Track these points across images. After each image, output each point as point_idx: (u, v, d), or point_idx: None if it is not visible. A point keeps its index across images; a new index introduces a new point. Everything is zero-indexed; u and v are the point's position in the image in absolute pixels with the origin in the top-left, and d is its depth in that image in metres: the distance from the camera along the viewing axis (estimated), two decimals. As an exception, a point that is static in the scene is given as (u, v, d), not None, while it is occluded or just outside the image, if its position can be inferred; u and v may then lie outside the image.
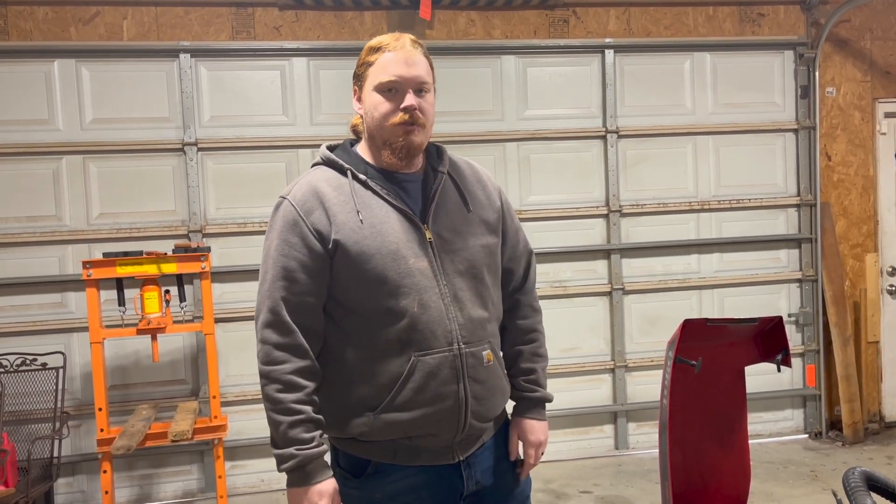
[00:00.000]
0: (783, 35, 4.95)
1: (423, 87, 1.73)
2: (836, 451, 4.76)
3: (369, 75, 1.74)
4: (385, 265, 1.66)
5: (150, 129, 4.31)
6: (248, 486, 4.41)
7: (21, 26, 4.18)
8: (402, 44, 1.72)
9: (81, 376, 4.24)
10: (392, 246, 1.68)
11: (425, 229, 1.73)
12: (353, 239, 1.67)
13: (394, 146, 1.72)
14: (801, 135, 4.97)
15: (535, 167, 4.71)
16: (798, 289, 5.03)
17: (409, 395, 1.66)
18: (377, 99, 1.72)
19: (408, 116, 1.70)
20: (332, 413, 1.73)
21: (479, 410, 1.74)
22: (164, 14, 4.31)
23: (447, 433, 1.71)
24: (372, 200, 1.72)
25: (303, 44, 4.41)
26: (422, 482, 1.71)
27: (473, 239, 1.79)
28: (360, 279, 1.67)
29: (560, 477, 4.44)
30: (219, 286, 4.31)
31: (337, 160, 1.77)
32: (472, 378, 1.72)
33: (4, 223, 4.18)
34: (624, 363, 4.81)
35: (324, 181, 1.74)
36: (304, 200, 1.71)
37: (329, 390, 1.73)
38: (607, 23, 4.77)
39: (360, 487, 1.73)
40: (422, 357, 1.67)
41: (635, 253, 4.83)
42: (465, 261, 1.76)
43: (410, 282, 1.68)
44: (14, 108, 4.17)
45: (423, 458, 1.71)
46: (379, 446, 1.71)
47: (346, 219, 1.68)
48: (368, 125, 1.77)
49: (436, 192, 1.77)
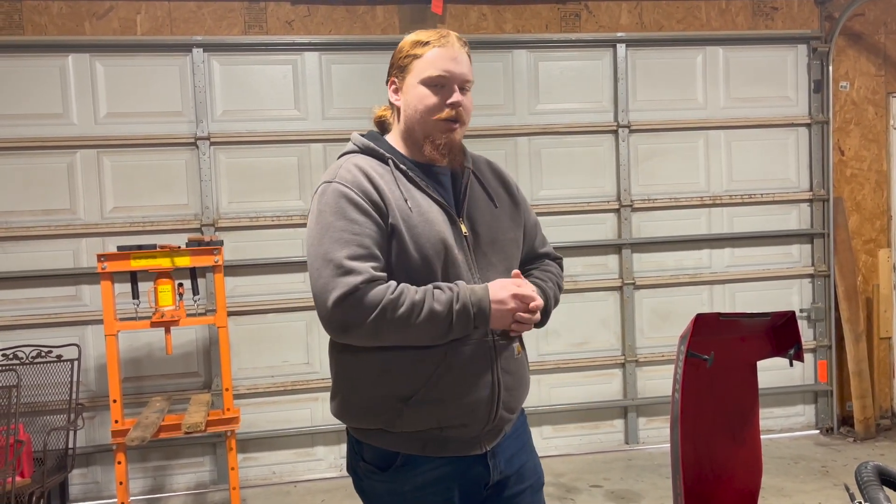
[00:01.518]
0: (796, 29, 4.92)
1: (467, 86, 1.75)
2: (848, 446, 4.75)
3: (414, 68, 1.73)
4: (435, 255, 1.68)
5: (164, 123, 4.34)
6: (259, 478, 4.44)
7: (36, 21, 4.21)
8: (451, 41, 1.74)
9: (96, 368, 4.28)
10: (440, 235, 1.69)
11: (461, 223, 1.76)
12: (406, 224, 1.67)
13: (436, 142, 1.74)
14: (815, 129, 4.95)
15: (547, 162, 4.71)
16: (810, 284, 5.01)
17: (444, 384, 1.67)
18: (423, 92, 1.72)
19: (454, 113, 1.71)
20: (364, 403, 1.71)
21: (508, 401, 1.76)
22: (178, 9, 4.33)
23: (478, 423, 1.71)
24: (414, 191, 1.73)
25: (315, 38, 4.42)
26: (450, 473, 1.72)
27: (502, 234, 1.83)
28: (408, 265, 1.67)
29: (570, 471, 4.45)
30: (231, 280, 4.34)
31: (377, 148, 1.77)
32: (504, 369, 1.74)
33: (20, 216, 4.22)
34: (634, 358, 4.81)
35: (368, 166, 1.72)
36: (357, 181, 1.68)
37: (362, 380, 1.71)
38: (619, 17, 4.76)
39: (387, 481, 1.71)
40: (457, 347, 1.67)
41: (646, 248, 4.83)
42: (496, 254, 1.79)
43: (454, 272, 1.70)
44: (29, 103, 4.20)
45: (451, 449, 1.72)
46: (408, 437, 1.70)
47: (397, 205, 1.68)
48: (409, 117, 1.76)
49: (466, 186, 1.80)
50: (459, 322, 1.62)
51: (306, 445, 4.51)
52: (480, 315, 1.65)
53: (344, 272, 1.59)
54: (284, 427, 4.46)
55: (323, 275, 1.61)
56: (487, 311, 1.65)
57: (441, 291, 1.64)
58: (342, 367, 1.75)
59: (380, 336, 1.61)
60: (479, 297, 1.65)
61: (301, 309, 4.41)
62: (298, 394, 4.46)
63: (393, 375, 1.67)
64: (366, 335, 1.61)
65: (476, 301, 1.64)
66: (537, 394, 4.69)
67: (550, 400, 4.75)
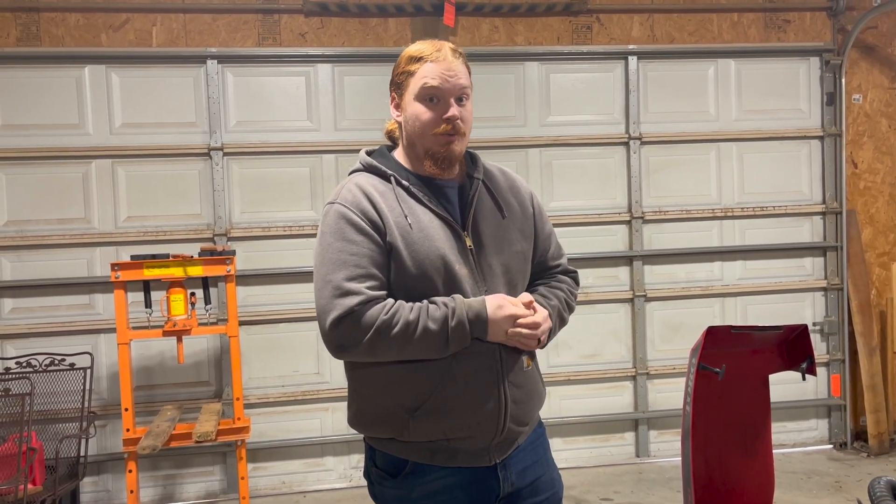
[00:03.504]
0: (809, 41, 4.92)
1: (464, 95, 1.76)
2: (861, 461, 4.70)
3: (410, 84, 1.75)
4: (434, 271, 1.69)
5: (178, 133, 4.38)
6: (269, 487, 4.45)
7: (53, 32, 4.27)
8: (444, 54, 1.75)
9: (108, 377, 4.30)
10: (440, 252, 1.70)
11: (465, 237, 1.76)
12: (404, 243, 1.69)
13: (436, 156, 1.75)
14: (827, 142, 4.93)
15: (558, 173, 4.71)
16: (823, 297, 4.98)
17: (449, 397, 1.68)
18: (419, 108, 1.74)
19: (450, 127, 1.73)
20: (375, 413, 1.75)
21: (517, 414, 1.76)
22: (193, 21, 4.38)
23: (485, 436, 1.72)
24: (416, 207, 1.74)
25: (328, 50, 4.46)
26: (458, 483, 1.73)
27: (509, 245, 1.82)
28: (408, 282, 1.70)
29: (580, 484, 4.43)
30: (243, 289, 4.36)
31: (379, 166, 1.80)
32: (512, 382, 1.74)
33: (35, 225, 4.26)
34: (645, 370, 4.78)
35: (369, 185, 1.76)
36: (357, 201, 1.72)
37: (372, 392, 1.75)
38: (631, 29, 4.77)
39: (396, 487, 1.74)
40: (463, 359, 1.69)
41: (658, 260, 4.82)
42: (502, 266, 1.79)
43: (456, 288, 1.71)
44: (46, 113, 4.26)
45: (460, 459, 1.73)
46: (417, 447, 1.72)
47: (396, 222, 1.70)
48: (409, 133, 1.78)
49: (473, 198, 1.80)
50: (455, 338, 1.65)
51: (316, 455, 4.51)
52: (478, 327, 1.66)
53: (342, 293, 1.64)
54: (294, 437, 4.46)
55: (323, 295, 1.67)
56: (485, 324, 1.67)
57: (436, 308, 1.65)
58: (354, 381, 1.80)
59: (377, 355, 1.66)
60: (475, 311, 1.66)
61: (312, 319, 4.42)
62: (309, 403, 4.47)
63: (399, 387, 1.70)
64: (363, 354, 1.67)
65: (473, 315, 1.66)
66: (547, 405, 4.67)
67: (561, 412, 4.73)
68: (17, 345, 4.23)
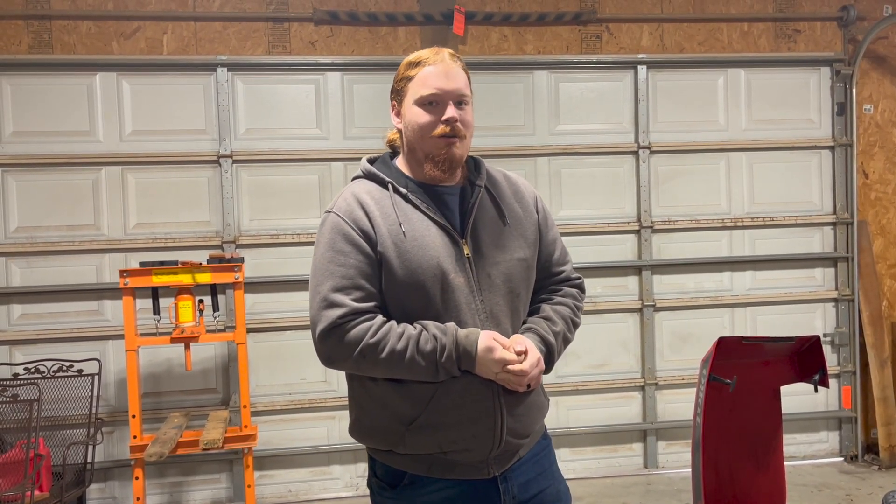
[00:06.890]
0: (819, 51, 4.90)
1: (463, 100, 1.75)
2: (873, 474, 4.65)
3: (409, 90, 1.75)
4: (427, 280, 1.67)
5: (187, 141, 4.39)
6: (275, 495, 4.43)
7: (65, 40, 4.29)
8: (442, 58, 1.74)
9: (116, 383, 4.30)
10: (434, 261, 1.68)
11: (463, 244, 1.74)
12: (396, 251, 1.68)
13: (436, 159, 1.74)
14: (838, 152, 4.90)
15: (567, 182, 4.70)
16: (834, 308, 4.94)
17: (444, 409, 1.67)
18: (418, 112, 1.73)
19: (449, 129, 1.72)
20: (369, 424, 1.75)
21: (515, 427, 1.73)
22: (203, 29, 4.40)
23: (482, 449, 1.70)
24: (412, 214, 1.73)
25: (337, 58, 4.47)
26: (457, 495, 1.71)
27: (510, 253, 1.79)
28: (401, 292, 1.69)
29: (588, 495, 4.40)
30: (251, 296, 4.36)
31: (378, 173, 1.79)
32: (509, 394, 1.71)
33: (45, 231, 4.28)
34: (654, 381, 4.75)
35: (365, 193, 1.76)
36: (350, 210, 1.72)
37: (366, 403, 1.75)
38: (640, 39, 4.76)
39: (396, 498, 1.74)
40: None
41: (667, 269, 4.79)
42: (502, 275, 1.76)
43: (450, 297, 1.69)
44: (57, 120, 4.28)
45: (457, 471, 1.71)
46: (414, 459, 1.71)
47: (389, 231, 1.69)
48: (409, 138, 1.78)
49: (473, 205, 1.78)
50: (444, 371, 1.65)
51: (322, 464, 4.49)
52: (467, 363, 1.65)
53: (327, 305, 1.66)
54: (301, 445, 4.45)
55: (312, 306, 1.70)
56: (473, 363, 1.65)
57: (426, 340, 1.63)
58: (352, 389, 1.80)
59: (364, 372, 1.69)
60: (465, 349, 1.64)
61: (319, 327, 4.41)
62: (315, 412, 4.46)
63: (393, 400, 1.69)
64: (351, 369, 1.70)
65: (462, 352, 1.64)
66: (555, 416, 4.65)
67: (569, 422, 4.70)
68: (25, 351, 4.23)
